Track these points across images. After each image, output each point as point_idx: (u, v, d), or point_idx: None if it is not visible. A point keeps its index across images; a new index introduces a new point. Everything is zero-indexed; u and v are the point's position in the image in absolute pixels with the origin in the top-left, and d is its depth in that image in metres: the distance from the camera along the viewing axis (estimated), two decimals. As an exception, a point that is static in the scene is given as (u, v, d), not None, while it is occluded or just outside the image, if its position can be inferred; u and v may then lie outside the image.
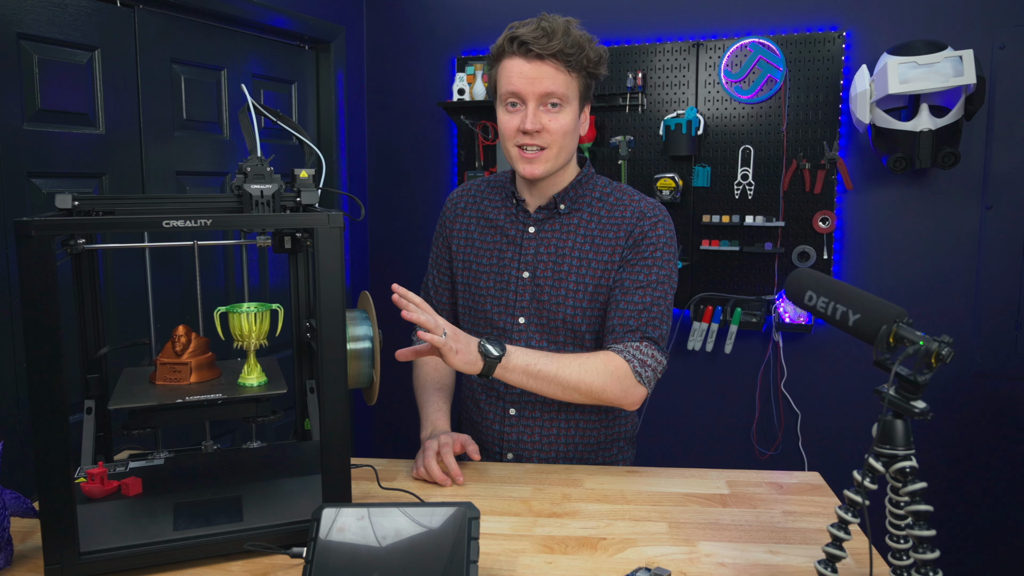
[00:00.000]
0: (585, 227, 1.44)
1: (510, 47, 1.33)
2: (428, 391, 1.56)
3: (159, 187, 2.36)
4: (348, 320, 1.12)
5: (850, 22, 2.75)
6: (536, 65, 1.32)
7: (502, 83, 1.36)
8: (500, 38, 1.36)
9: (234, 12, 2.56)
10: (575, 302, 1.43)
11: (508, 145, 1.40)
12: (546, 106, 1.35)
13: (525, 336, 1.46)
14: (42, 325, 0.90)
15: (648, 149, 2.98)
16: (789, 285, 1.02)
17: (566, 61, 1.32)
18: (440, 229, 1.61)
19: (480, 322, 1.52)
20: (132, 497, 1.09)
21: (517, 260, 1.47)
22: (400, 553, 0.89)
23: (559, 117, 1.35)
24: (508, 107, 1.37)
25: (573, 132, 1.39)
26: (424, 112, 3.31)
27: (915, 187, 2.75)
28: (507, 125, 1.37)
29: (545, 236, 1.46)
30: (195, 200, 1.12)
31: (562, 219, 1.46)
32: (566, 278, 1.43)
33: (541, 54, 1.31)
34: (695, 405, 3.05)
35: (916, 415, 0.86)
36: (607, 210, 1.45)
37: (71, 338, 1.14)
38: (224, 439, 2.66)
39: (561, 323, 1.44)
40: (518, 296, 1.46)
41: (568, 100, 1.36)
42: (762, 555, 1.08)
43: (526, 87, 1.33)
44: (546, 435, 1.49)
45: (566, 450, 1.50)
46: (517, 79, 1.33)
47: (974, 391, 2.74)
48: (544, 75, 1.32)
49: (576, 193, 1.46)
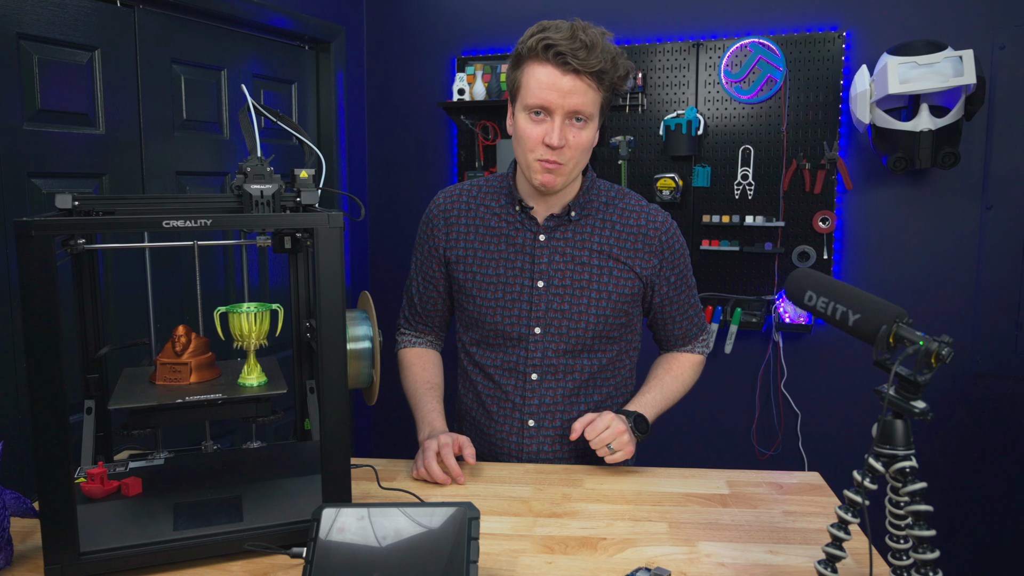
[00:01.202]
0: (600, 235, 1.43)
1: (544, 54, 1.27)
2: (420, 392, 1.54)
3: (159, 187, 2.36)
4: (348, 320, 1.12)
5: (850, 22, 2.75)
6: (571, 79, 1.27)
7: (530, 89, 1.30)
8: (531, 38, 1.29)
9: (234, 12, 2.56)
10: (599, 311, 1.42)
11: (526, 154, 1.35)
12: (571, 120, 1.31)
13: (541, 347, 1.44)
14: (42, 325, 0.90)
15: (648, 149, 2.98)
16: (789, 285, 1.02)
17: (599, 79, 1.28)
18: (426, 237, 1.54)
19: (489, 334, 1.48)
20: (132, 497, 1.09)
21: (529, 269, 1.44)
22: (400, 553, 0.89)
23: (582, 134, 1.32)
24: (532, 115, 1.32)
25: (591, 147, 1.38)
26: (424, 112, 3.31)
27: (915, 187, 2.75)
28: (529, 134, 1.33)
29: (558, 244, 1.44)
30: (195, 200, 1.12)
31: (573, 227, 1.44)
32: (587, 287, 1.42)
33: (579, 69, 1.26)
34: (695, 405, 3.04)
35: (916, 415, 0.86)
36: (618, 216, 1.45)
37: (71, 338, 1.14)
38: (224, 439, 2.66)
39: (582, 332, 1.43)
40: (533, 306, 1.43)
41: (593, 117, 1.33)
42: (762, 555, 1.08)
43: (557, 100, 1.28)
44: (567, 443, 1.47)
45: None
46: (549, 92, 1.28)
47: (974, 391, 2.74)
48: (577, 91, 1.28)
49: (585, 200, 1.45)
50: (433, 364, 1.60)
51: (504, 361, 1.47)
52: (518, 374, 1.46)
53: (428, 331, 1.62)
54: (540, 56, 1.28)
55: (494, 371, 1.49)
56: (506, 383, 1.48)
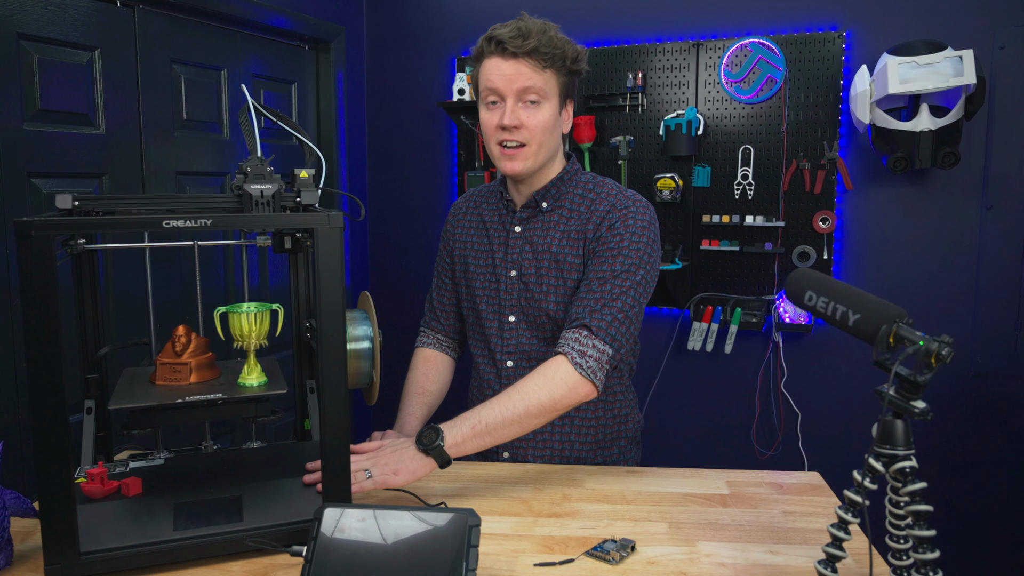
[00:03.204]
0: (564, 223, 1.45)
1: (488, 46, 1.37)
2: (410, 395, 1.59)
3: (159, 187, 2.36)
4: (348, 320, 1.12)
5: (850, 22, 2.75)
6: (513, 63, 1.35)
7: (482, 81, 1.40)
8: (480, 39, 1.40)
9: (234, 12, 2.56)
10: (556, 297, 1.44)
11: (490, 144, 1.42)
12: (524, 103, 1.37)
13: (516, 334, 1.49)
14: (42, 325, 0.90)
15: (648, 149, 2.98)
16: (789, 285, 1.02)
17: (542, 58, 1.35)
18: (444, 236, 1.65)
19: (475, 323, 1.55)
20: (132, 497, 1.09)
21: (505, 259, 1.49)
22: (400, 557, 0.89)
23: (537, 113, 1.37)
24: (488, 105, 1.40)
25: (553, 128, 1.40)
26: (424, 112, 3.31)
27: (915, 187, 2.75)
28: (487, 122, 1.40)
29: (529, 234, 1.47)
30: (195, 200, 1.12)
31: (544, 216, 1.47)
32: (547, 274, 1.44)
33: (516, 52, 1.34)
34: (695, 405, 3.05)
35: (916, 415, 0.86)
36: (588, 204, 1.44)
37: (71, 338, 1.14)
38: (224, 439, 2.66)
39: (547, 319, 1.45)
40: (507, 295, 1.49)
41: (547, 96, 1.38)
42: (762, 555, 1.08)
43: (503, 84, 1.36)
44: (541, 433, 1.49)
45: (562, 448, 1.50)
46: (495, 76, 1.36)
47: (974, 391, 2.73)
48: (521, 72, 1.35)
49: (558, 190, 1.46)
50: (434, 371, 1.62)
51: (486, 349, 1.54)
52: (495, 361, 1.52)
53: (440, 329, 1.67)
54: (486, 50, 1.38)
55: (479, 360, 1.56)
56: (487, 371, 1.54)
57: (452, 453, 1.25)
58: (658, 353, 3.05)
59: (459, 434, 1.26)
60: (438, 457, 1.24)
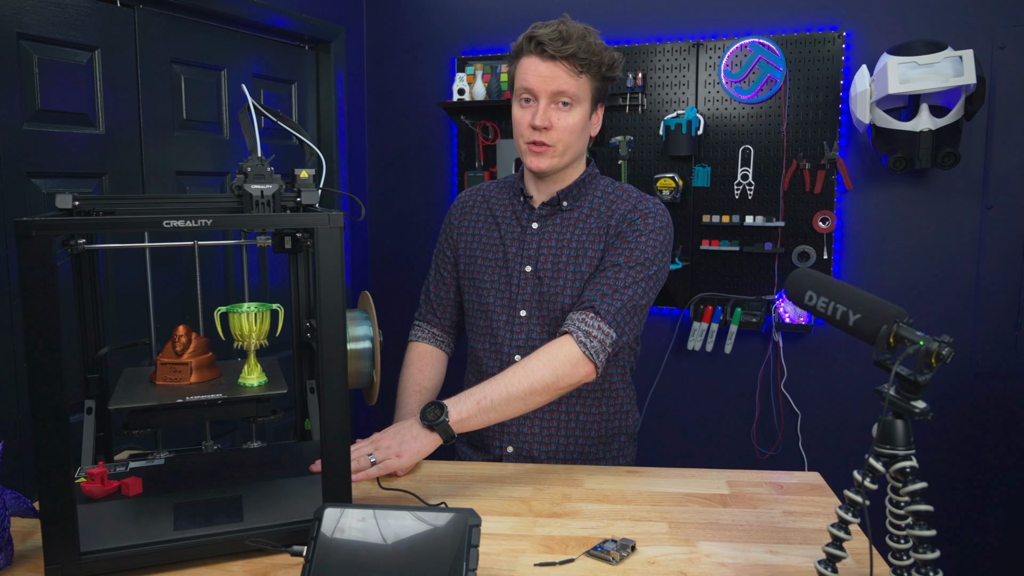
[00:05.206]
0: (584, 221, 1.48)
1: (528, 46, 1.39)
2: (407, 392, 1.59)
3: (159, 187, 2.36)
4: (348, 320, 1.12)
5: (850, 22, 2.75)
6: (550, 65, 1.37)
7: (518, 79, 1.43)
8: (521, 36, 1.42)
9: (234, 12, 2.56)
10: (572, 291, 1.45)
11: (519, 139, 1.45)
12: (557, 104, 1.40)
13: (527, 328, 1.49)
14: (42, 325, 0.90)
15: (648, 149, 2.98)
16: (789, 285, 1.02)
17: (579, 63, 1.37)
18: (445, 228, 1.64)
19: (481, 317, 1.54)
20: (132, 497, 1.09)
21: (520, 255, 1.50)
22: (400, 556, 0.89)
23: (568, 116, 1.40)
24: (522, 102, 1.43)
25: (582, 131, 1.43)
26: (424, 112, 3.31)
27: (915, 187, 2.75)
28: (519, 119, 1.43)
29: (547, 231, 1.49)
30: (195, 200, 1.12)
31: (564, 215, 1.49)
32: (564, 268, 1.46)
33: (555, 55, 1.36)
34: (695, 405, 3.05)
35: (916, 415, 0.86)
36: (607, 204, 1.48)
37: (71, 338, 1.14)
38: (224, 439, 2.66)
39: (560, 313, 1.46)
40: (520, 290, 1.49)
41: (579, 100, 1.40)
42: (762, 555, 1.08)
43: (539, 85, 1.38)
44: (547, 427, 1.50)
45: (567, 443, 1.51)
46: (532, 77, 1.39)
47: (974, 391, 2.74)
48: (557, 75, 1.37)
49: (580, 191, 1.50)
50: (430, 367, 1.62)
51: (492, 344, 1.53)
52: (502, 355, 1.51)
53: (436, 323, 1.67)
54: (526, 49, 1.41)
55: (482, 353, 1.55)
56: (491, 365, 1.53)
57: (457, 429, 1.28)
58: (658, 353, 3.05)
59: (464, 409, 1.29)
60: (443, 432, 1.26)
